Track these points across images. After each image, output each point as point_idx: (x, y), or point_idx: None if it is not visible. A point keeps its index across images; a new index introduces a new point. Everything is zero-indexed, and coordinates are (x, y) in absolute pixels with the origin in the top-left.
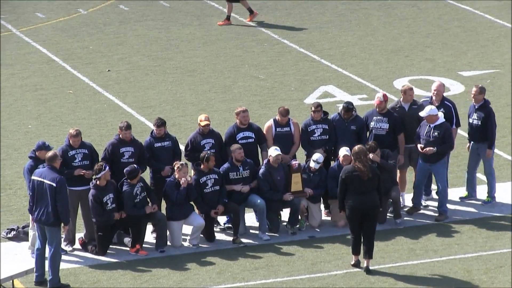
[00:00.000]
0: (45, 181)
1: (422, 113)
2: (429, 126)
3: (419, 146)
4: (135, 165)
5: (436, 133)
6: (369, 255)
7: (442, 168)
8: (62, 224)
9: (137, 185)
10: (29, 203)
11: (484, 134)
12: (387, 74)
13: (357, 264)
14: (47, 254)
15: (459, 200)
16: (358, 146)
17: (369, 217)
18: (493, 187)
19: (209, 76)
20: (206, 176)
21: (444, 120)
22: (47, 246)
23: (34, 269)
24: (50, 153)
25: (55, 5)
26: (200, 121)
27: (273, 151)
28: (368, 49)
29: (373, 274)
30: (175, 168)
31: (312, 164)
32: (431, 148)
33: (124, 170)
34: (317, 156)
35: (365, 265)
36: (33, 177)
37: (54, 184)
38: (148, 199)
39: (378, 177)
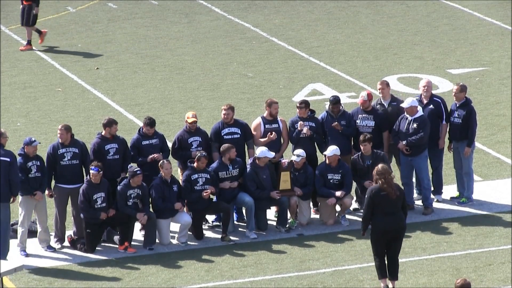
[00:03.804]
0: None
1: (404, 104)
2: (409, 119)
3: (400, 144)
4: (139, 169)
5: (415, 125)
6: (395, 276)
7: (423, 161)
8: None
9: (135, 189)
10: None
11: (464, 133)
12: (376, 72)
13: None
14: None
15: (449, 199)
16: (382, 165)
17: (396, 238)
18: (469, 188)
19: (198, 74)
20: (197, 174)
21: (423, 113)
22: None
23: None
24: None
25: (44, 3)
26: (188, 118)
27: (261, 153)
28: (357, 47)
29: (362, 272)
30: (159, 166)
31: (293, 158)
32: (402, 142)
33: (128, 166)
34: (299, 151)
35: (390, 286)
36: None
37: (8, 159)
38: (140, 206)
39: (403, 195)
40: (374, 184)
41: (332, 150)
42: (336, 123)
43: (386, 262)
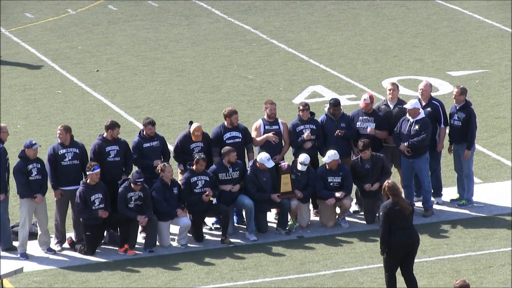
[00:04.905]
0: None
1: (407, 106)
2: (410, 121)
3: (402, 146)
4: (141, 180)
5: (416, 127)
6: None
7: (424, 163)
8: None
9: (137, 192)
10: None
11: (464, 136)
12: (376, 74)
13: None
14: None
15: (449, 202)
16: (391, 181)
17: (411, 253)
18: (470, 190)
19: (198, 76)
20: (197, 177)
21: (425, 116)
22: None
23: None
24: None
25: (44, 5)
26: (194, 131)
27: (261, 160)
28: (357, 49)
29: (362, 274)
30: (159, 170)
31: (299, 167)
32: (404, 144)
33: (135, 170)
34: (303, 157)
35: None
36: None
37: None
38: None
39: (413, 210)
40: (386, 199)
41: (331, 156)
42: (338, 131)
43: (397, 279)
